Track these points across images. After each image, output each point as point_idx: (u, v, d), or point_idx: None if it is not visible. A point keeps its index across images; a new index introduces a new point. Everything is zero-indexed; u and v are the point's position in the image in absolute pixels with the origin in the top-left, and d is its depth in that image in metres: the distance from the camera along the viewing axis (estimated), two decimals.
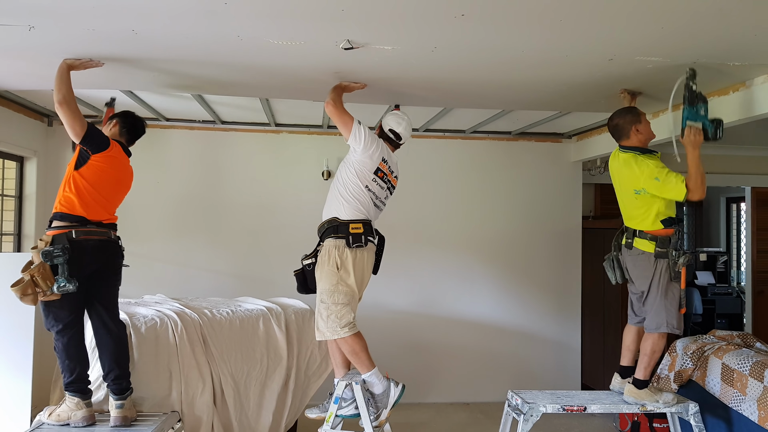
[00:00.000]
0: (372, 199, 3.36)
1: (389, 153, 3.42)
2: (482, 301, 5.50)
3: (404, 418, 4.75)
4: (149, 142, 5.18)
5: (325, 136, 5.38)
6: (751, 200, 6.55)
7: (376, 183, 3.35)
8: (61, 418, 2.99)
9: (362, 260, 3.30)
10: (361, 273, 3.30)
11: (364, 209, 3.33)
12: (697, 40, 2.68)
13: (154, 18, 2.48)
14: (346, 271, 3.24)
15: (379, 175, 3.35)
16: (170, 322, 3.44)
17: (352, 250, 3.25)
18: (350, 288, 3.24)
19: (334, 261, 3.25)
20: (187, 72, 3.34)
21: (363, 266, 3.31)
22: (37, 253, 2.82)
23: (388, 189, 3.46)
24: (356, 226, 3.28)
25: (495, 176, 5.56)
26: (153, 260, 5.15)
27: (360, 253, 3.28)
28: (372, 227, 3.40)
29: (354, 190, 3.31)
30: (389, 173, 3.40)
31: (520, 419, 3.27)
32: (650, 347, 3.33)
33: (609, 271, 3.55)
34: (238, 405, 3.54)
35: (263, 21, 2.51)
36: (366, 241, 3.30)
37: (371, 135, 3.32)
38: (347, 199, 3.31)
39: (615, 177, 3.45)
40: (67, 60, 2.97)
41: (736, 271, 8.51)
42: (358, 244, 3.26)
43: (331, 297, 3.22)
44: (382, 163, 3.35)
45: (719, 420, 3.52)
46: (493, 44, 2.77)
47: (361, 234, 3.28)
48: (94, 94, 4.14)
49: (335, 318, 3.21)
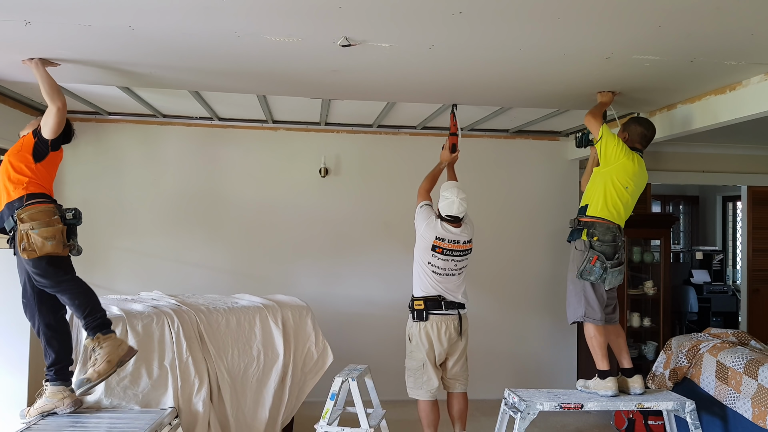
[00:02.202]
0: (436, 271, 3.69)
1: (448, 230, 3.68)
2: (478, 299, 5.50)
3: (400, 415, 4.75)
4: (146, 139, 5.20)
5: (322, 134, 5.37)
6: (747, 199, 6.57)
7: (437, 258, 3.67)
8: (45, 409, 3.01)
9: (428, 331, 3.67)
10: (430, 343, 3.67)
11: (428, 284, 3.69)
12: (694, 39, 2.69)
13: (151, 14, 2.47)
14: (414, 344, 3.72)
15: (437, 250, 3.66)
16: (167, 319, 3.43)
17: (416, 324, 3.70)
18: (416, 360, 3.71)
19: (407, 333, 3.78)
20: (184, 69, 3.33)
21: (431, 337, 3.67)
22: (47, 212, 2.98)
23: (453, 258, 3.70)
24: (419, 302, 3.70)
25: (492, 174, 5.57)
26: (150, 257, 5.14)
27: (425, 326, 3.67)
28: (439, 300, 3.69)
29: (416, 268, 3.76)
30: (450, 244, 3.68)
31: (517, 417, 3.28)
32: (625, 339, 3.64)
33: (622, 273, 3.46)
34: (234, 401, 3.55)
35: (261, 17, 2.50)
36: (427, 316, 3.68)
37: (424, 218, 3.73)
38: (414, 277, 3.78)
39: (635, 180, 3.47)
40: (38, 59, 3.08)
41: (731, 270, 8.54)
42: (420, 319, 3.68)
43: (407, 362, 3.78)
44: (437, 240, 3.66)
45: (714, 417, 3.54)
46: (491, 42, 2.77)
47: (423, 310, 3.68)
48: (90, 89, 4.13)
49: (409, 380, 3.74)
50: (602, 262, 3.35)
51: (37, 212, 2.97)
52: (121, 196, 5.14)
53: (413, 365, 3.71)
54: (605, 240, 3.38)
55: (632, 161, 3.44)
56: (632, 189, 3.46)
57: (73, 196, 4.97)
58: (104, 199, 5.09)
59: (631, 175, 3.43)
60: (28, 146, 3.09)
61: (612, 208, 3.43)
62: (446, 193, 3.72)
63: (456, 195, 3.68)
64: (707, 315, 7.71)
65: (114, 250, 5.03)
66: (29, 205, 3.01)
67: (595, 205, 3.45)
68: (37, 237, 2.92)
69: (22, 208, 2.98)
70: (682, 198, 9.16)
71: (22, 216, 2.96)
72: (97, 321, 3.02)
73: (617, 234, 3.43)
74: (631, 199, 3.47)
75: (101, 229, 4.98)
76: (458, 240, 3.69)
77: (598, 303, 3.44)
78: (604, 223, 3.41)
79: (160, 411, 3.18)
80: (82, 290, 3.07)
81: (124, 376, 3.22)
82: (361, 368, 3.80)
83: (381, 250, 5.40)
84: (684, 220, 9.28)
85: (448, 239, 3.67)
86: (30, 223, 2.94)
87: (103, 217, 5.05)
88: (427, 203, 3.82)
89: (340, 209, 5.37)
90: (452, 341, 3.69)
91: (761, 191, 6.49)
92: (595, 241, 3.40)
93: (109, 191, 5.11)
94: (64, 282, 3.04)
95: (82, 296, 3.05)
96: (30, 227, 2.93)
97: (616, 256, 3.39)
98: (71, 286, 3.05)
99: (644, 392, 3.46)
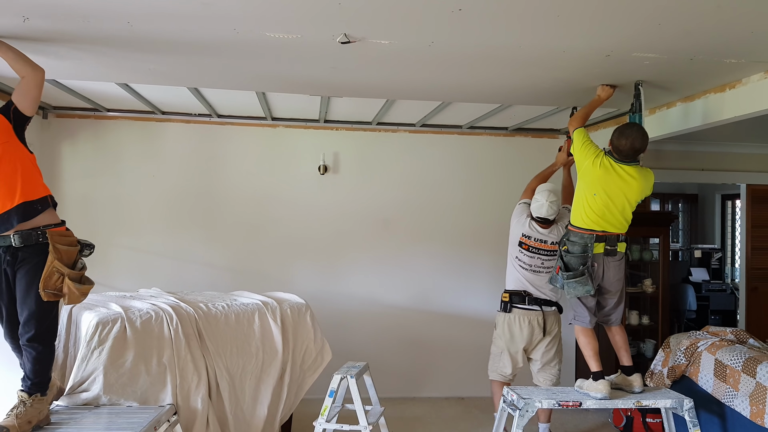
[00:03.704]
0: (522, 266, 4.03)
1: (535, 229, 4.01)
2: (478, 296, 5.51)
3: (399, 412, 4.76)
4: (145, 136, 5.19)
5: (321, 131, 5.37)
6: (746, 197, 6.56)
7: (523, 254, 4.02)
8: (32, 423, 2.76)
9: (510, 323, 4.02)
10: (510, 333, 4.01)
11: (517, 279, 4.05)
12: (694, 37, 2.69)
13: (149, 10, 2.46)
14: (498, 332, 4.10)
15: (524, 247, 4.01)
16: (165, 316, 3.43)
17: (501, 314, 4.08)
18: (497, 347, 4.09)
19: (495, 321, 4.17)
20: (182, 65, 3.32)
21: (512, 329, 4.01)
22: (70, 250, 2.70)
23: (540, 256, 4.01)
24: (505, 295, 4.08)
25: (491, 172, 5.56)
26: (148, 254, 5.14)
27: (507, 318, 4.03)
28: (524, 295, 4.02)
29: (508, 262, 4.13)
30: (536, 242, 4.00)
31: (516, 414, 3.28)
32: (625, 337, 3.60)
33: (587, 284, 3.33)
34: (233, 398, 3.54)
35: (260, 14, 2.49)
36: (510, 308, 4.02)
37: (516, 215, 4.11)
38: (507, 270, 4.15)
39: (604, 186, 3.33)
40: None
41: (730, 268, 8.55)
42: (504, 310, 4.05)
43: (491, 346, 4.16)
44: (523, 237, 4.01)
45: (712, 415, 3.54)
46: (490, 39, 2.77)
47: (507, 302, 4.04)
48: (88, 86, 4.12)
49: (490, 362, 4.14)
50: (563, 271, 3.37)
51: (68, 249, 2.69)
52: (120, 193, 5.13)
53: (494, 350, 4.12)
54: (573, 251, 3.37)
55: (598, 167, 3.32)
56: (602, 196, 3.32)
57: (72, 193, 4.97)
58: (103, 196, 5.09)
59: (597, 180, 3.33)
60: (7, 129, 2.62)
61: (586, 217, 3.36)
62: (538, 196, 3.98)
63: (546, 198, 3.92)
64: (706, 313, 7.72)
65: (113, 247, 5.03)
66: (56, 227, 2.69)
67: (573, 214, 3.47)
68: (73, 288, 2.65)
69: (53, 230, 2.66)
70: (681, 196, 9.17)
71: (58, 247, 2.63)
72: (43, 386, 2.79)
73: (589, 245, 3.34)
74: (606, 206, 3.32)
75: (100, 226, 4.97)
76: (545, 240, 3.98)
77: (584, 307, 3.45)
78: (578, 232, 3.39)
79: (159, 408, 3.18)
80: (53, 354, 2.84)
81: (123, 372, 3.21)
82: (359, 365, 3.80)
83: (380, 248, 5.40)
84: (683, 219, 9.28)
85: (534, 237, 3.99)
86: (66, 267, 2.64)
87: (102, 214, 5.04)
88: (526, 201, 4.11)
89: (339, 206, 5.37)
90: (534, 336, 3.98)
91: (760, 189, 6.49)
92: (563, 251, 3.42)
93: (107, 188, 5.10)
94: (54, 336, 2.80)
95: (50, 360, 2.82)
96: (67, 273, 2.65)
97: (580, 268, 3.33)
98: (53, 343, 2.80)
99: (643, 390, 3.46)
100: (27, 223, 2.64)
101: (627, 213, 3.41)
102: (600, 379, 3.36)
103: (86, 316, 3.31)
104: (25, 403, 2.75)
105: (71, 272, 2.68)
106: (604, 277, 3.45)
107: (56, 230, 2.72)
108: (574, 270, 3.35)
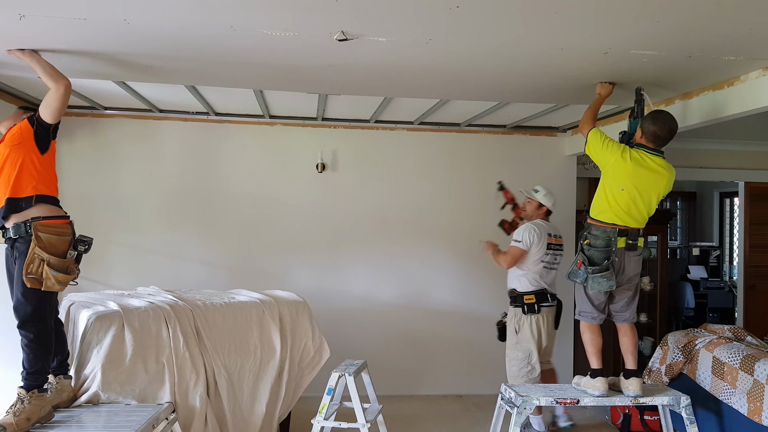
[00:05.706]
0: (546, 266, 4.20)
1: (552, 227, 4.28)
2: (477, 294, 5.51)
3: (397, 410, 4.77)
4: (143, 134, 5.18)
5: (319, 129, 5.36)
6: (744, 195, 6.56)
7: (548, 254, 4.19)
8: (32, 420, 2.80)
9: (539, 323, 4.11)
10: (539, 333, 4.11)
11: (536, 279, 4.15)
12: (692, 34, 2.68)
13: (146, 8, 2.46)
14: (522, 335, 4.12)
15: (549, 247, 4.18)
16: (164, 314, 3.43)
17: (527, 317, 4.11)
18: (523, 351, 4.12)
19: (513, 326, 4.18)
20: (179, 63, 3.31)
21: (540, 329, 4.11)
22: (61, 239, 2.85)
23: (555, 253, 4.25)
24: (530, 297, 4.12)
25: (489, 170, 5.55)
26: (146, 252, 5.14)
27: (536, 318, 4.10)
28: (545, 293, 4.16)
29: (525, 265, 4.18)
30: (555, 239, 4.26)
31: (513, 412, 3.28)
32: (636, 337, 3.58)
33: (611, 279, 3.29)
34: (231, 396, 3.54)
35: (257, 11, 2.49)
36: (539, 309, 4.11)
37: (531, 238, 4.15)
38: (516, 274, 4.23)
39: (633, 180, 3.28)
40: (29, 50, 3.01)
41: (728, 266, 8.56)
42: (531, 312, 4.10)
43: (511, 353, 4.19)
44: (550, 237, 4.21)
45: (709, 413, 3.55)
46: (488, 37, 2.76)
47: (534, 303, 4.10)
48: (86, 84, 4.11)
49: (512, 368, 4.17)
50: (586, 266, 3.30)
51: (56, 239, 2.82)
52: (118, 191, 5.13)
53: (519, 356, 4.11)
54: (596, 245, 3.32)
55: (628, 160, 3.26)
56: (631, 190, 3.27)
57: (70, 192, 4.95)
58: (101, 194, 5.08)
59: (626, 175, 3.27)
60: (29, 135, 2.86)
61: (610, 210, 3.31)
62: (544, 191, 4.33)
63: (549, 190, 4.34)
64: (704, 311, 7.73)
65: (110, 245, 5.02)
66: (46, 219, 2.83)
67: (594, 207, 3.40)
68: (50, 275, 2.75)
69: (39, 222, 2.80)
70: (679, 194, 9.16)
71: (40, 235, 2.77)
72: (40, 381, 2.85)
73: (612, 239, 3.30)
74: (633, 201, 3.29)
75: (98, 225, 4.95)
76: (558, 234, 4.29)
77: (591, 303, 3.43)
78: (600, 226, 3.33)
79: (157, 406, 3.18)
80: (48, 342, 2.87)
81: (121, 371, 3.21)
82: (358, 363, 3.80)
83: (378, 245, 5.40)
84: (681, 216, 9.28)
85: (553, 234, 4.24)
86: (48, 254, 2.76)
87: (100, 213, 5.03)
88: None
89: (337, 204, 5.36)
90: (551, 331, 4.19)
91: (758, 187, 6.49)
92: (585, 244, 3.36)
93: (105, 186, 5.10)
94: (41, 322, 2.84)
95: (43, 348, 2.85)
96: (47, 259, 2.76)
97: (604, 262, 3.29)
98: (43, 330, 2.85)
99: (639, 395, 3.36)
100: (19, 215, 2.84)
101: (652, 208, 3.36)
102: (598, 377, 3.36)
103: (84, 314, 3.31)
104: (23, 401, 2.79)
105: (52, 259, 2.79)
106: (624, 272, 3.40)
107: (45, 222, 2.85)
108: (599, 264, 3.29)
